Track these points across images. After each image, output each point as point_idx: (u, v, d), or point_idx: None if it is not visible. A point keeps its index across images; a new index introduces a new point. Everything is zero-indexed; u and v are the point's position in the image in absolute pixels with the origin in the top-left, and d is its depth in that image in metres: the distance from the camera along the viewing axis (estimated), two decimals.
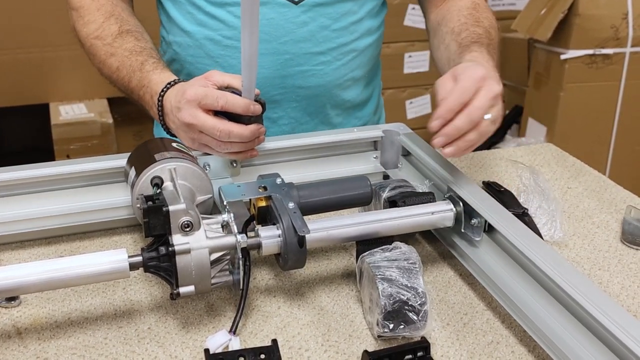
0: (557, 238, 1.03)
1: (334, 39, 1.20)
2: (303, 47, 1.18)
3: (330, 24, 1.18)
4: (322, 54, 1.20)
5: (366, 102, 1.36)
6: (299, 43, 1.17)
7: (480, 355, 0.82)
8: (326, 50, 1.20)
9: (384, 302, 0.80)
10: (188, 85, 1.00)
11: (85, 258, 0.81)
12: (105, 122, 2.60)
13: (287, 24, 1.15)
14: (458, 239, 0.96)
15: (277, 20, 1.15)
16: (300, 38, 1.17)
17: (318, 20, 1.17)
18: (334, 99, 1.26)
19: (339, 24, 1.19)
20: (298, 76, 1.20)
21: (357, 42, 1.23)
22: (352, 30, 1.21)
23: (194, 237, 0.81)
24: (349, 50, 1.23)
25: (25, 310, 0.88)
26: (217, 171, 1.07)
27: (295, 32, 1.16)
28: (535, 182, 1.11)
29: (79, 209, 1.02)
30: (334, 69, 1.22)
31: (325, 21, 1.17)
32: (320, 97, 1.23)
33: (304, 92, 1.21)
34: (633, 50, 2.55)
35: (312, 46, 1.18)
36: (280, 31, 1.16)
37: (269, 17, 1.14)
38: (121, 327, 0.86)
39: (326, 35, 1.19)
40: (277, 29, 1.15)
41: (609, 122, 2.66)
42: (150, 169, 0.91)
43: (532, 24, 2.63)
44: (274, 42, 1.16)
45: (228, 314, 0.88)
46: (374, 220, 0.91)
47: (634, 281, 0.96)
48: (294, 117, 1.24)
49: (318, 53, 1.19)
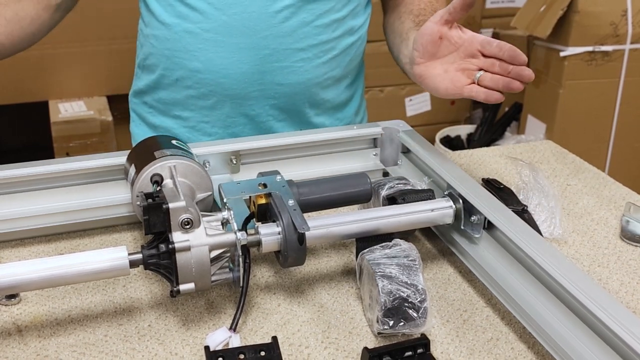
0: (557, 235, 1.04)
1: (315, 35, 1.18)
2: (283, 43, 1.16)
3: (313, 20, 1.17)
4: (303, 51, 1.18)
5: (346, 103, 1.34)
6: (279, 38, 1.16)
7: (480, 352, 0.82)
8: (307, 47, 1.18)
9: (383, 299, 0.80)
10: None
11: (85, 255, 0.81)
12: (105, 120, 2.60)
13: (269, 18, 1.14)
14: (458, 236, 0.96)
15: (258, 14, 1.13)
16: (281, 33, 1.15)
17: (300, 16, 1.15)
18: (313, 98, 1.25)
19: (321, 21, 1.18)
20: (277, 72, 1.18)
21: (338, 41, 1.22)
22: (334, 28, 1.20)
23: (194, 235, 0.81)
24: (330, 49, 1.21)
25: (26, 307, 0.89)
26: (217, 168, 1.07)
27: (277, 27, 1.15)
28: (535, 179, 1.11)
29: (78, 206, 1.02)
30: (314, 67, 1.21)
31: (308, 17, 1.16)
32: (299, 95, 1.22)
33: (283, 89, 1.20)
34: (632, 47, 2.55)
35: (292, 42, 1.17)
36: (261, 25, 1.14)
37: (250, 10, 1.13)
38: (121, 325, 0.86)
39: (307, 31, 1.17)
40: (258, 22, 1.14)
41: (608, 119, 2.66)
42: (150, 167, 0.91)
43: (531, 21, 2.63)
44: (255, 37, 1.15)
45: (228, 311, 0.88)
46: (373, 218, 0.91)
47: (633, 278, 0.96)
48: (272, 114, 1.23)
49: (298, 49, 1.18)
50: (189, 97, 1.22)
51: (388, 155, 1.17)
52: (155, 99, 1.27)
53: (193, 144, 1.07)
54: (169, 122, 1.27)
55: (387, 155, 1.17)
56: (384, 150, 1.17)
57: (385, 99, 2.99)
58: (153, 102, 1.28)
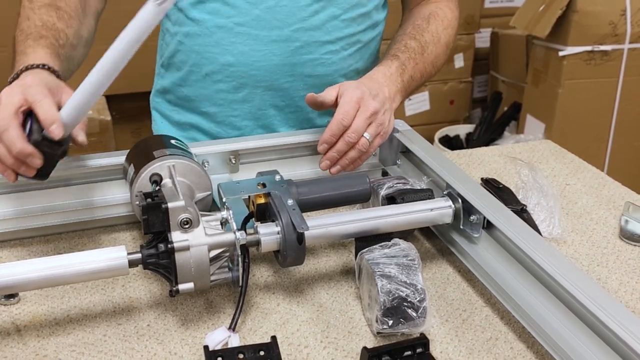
0: (556, 234, 1.04)
1: (343, 28, 1.22)
2: (313, 35, 1.19)
3: (340, 14, 1.20)
4: (331, 43, 1.21)
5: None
6: (309, 31, 1.18)
7: (479, 351, 0.82)
8: (335, 40, 1.21)
9: (383, 298, 0.80)
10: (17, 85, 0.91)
11: (84, 255, 0.81)
12: (104, 120, 2.60)
13: (299, 12, 1.17)
14: (457, 235, 0.96)
15: (289, 8, 1.16)
16: (311, 26, 1.18)
17: (329, 10, 1.18)
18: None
19: (348, 15, 1.21)
20: (307, 64, 1.21)
21: (362, 34, 1.25)
22: (359, 22, 1.23)
23: (193, 234, 0.81)
24: (355, 41, 1.25)
25: (25, 307, 0.88)
26: (216, 168, 1.07)
27: (307, 20, 1.17)
28: (534, 179, 1.11)
29: (77, 206, 1.02)
30: (341, 59, 1.24)
31: (336, 11, 1.19)
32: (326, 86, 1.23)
33: (312, 80, 1.22)
34: (631, 46, 2.55)
35: (322, 35, 1.20)
36: (292, 18, 1.17)
37: (282, 4, 1.16)
38: (120, 324, 0.86)
39: (335, 24, 1.20)
40: (290, 16, 1.16)
41: (607, 119, 2.66)
42: (149, 166, 0.91)
43: (530, 21, 2.63)
44: (286, 29, 1.17)
45: (227, 311, 0.88)
46: (372, 217, 0.91)
47: (632, 277, 0.96)
48: (301, 105, 1.25)
49: (327, 42, 1.21)
50: (218, 91, 1.23)
51: (387, 155, 1.17)
52: (180, 96, 1.28)
53: (192, 143, 1.07)
54: (195, 118, 1.28)
55: (386, 155, 1.17)
56: (383, 150, 1.17)
57: None
58: (178, 100, 1.29)
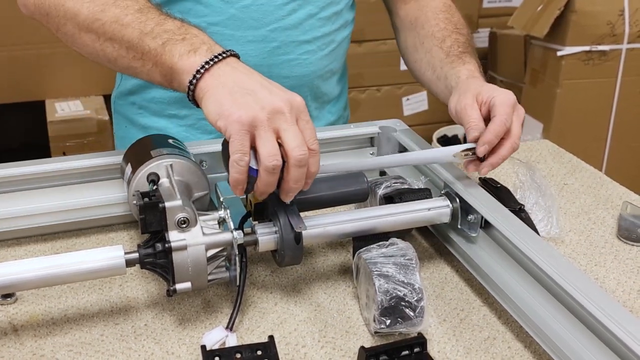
0: (554, 234, 1.04)
1: (319, 27, 1.20)
2: (290, 35, 1.17)
3: (317, 13, 1.18)
4: (308, 43, 1.19)
5: (339, 96, 1.36)
6: (286, 30, 1.16)
7: (476, 351, 0.82)
8: (312, 39, 1.19)
9: (380, 298, 0.80)
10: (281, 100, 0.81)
11: (81, 255, 0.80)
12: (102, 119, 2.60)
13: (277, 11, 1.14)
14: (455, 235, 0.96)
15: (266, 7, 1.13)
16: (288, 25, 1.16)
17: (306, 8, 1.16)
18: (315, 91, 1.26)
19: (324, 13, 1.19)
20: (284, 65, 1.18)
21: (336, 33, 1.24)
22: (333, 21, 1.22)
23: (191, 234, 0.81)
24: (330, 41, 1.23)
25: (22, 307, 0.88)
26: (214, 167, 1.07)
27: (284, 20, 1.15)
28: (532, 179, 1.11)
29: (75, 205, 1.02)
30: (318, 59, 1.22)
31: (312, 9, 1.17)
32: (303, 87, 1.23)
33: (289, 81, 1.19)
34: (629, 46, 2.55)
35: (299, 34, 1.17)
36: (269, 18, 1.14)
37: (259, 3, 1.13)
38: (117, 324, 0.86)
39: (312, 23, 1.18)
40: (266, 15, 1.14)
41: (605, 119, 2.66)
42: (147, 166, 0.91)
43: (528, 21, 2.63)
44: (263, 29, 1.15)
45: (225, 311, 0.88)
46: (370, 217, 0.91)
47: (629, 277, 0.96)
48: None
49: (304, 42, 1.19)
50: None
51: (385, 155, 1.17)
52: (146, 99, 1.24)
53: (190, 142, 1.06)
54: (162, 122, 1.24)
55: (384, 155, 1.17)
56: (380, 150, 1.17)
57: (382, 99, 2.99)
58: (143, 102, 1.25)
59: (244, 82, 0.81)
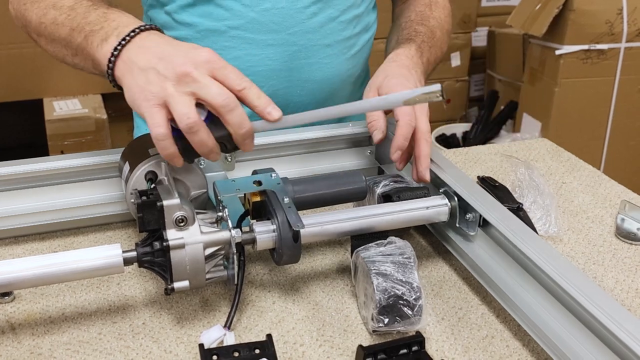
0: (552, 233, 1.04)
1: (340, 31, 1.19)
2: (311, 39, 1.16)
3: (338, 16, 1.18)
4: (329, 47, 1.19)
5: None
6: (307, 34, 1.16)
7: (475, 349, 0.82)
8: (333, 43, 1.19)
9: (378, 296, 0.80)
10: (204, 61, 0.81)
11: (79, 253, 0.80)
12: (100, 118, 2.60)
13: (297, 14, 1.14)
14: (453, 233, 0.96)
15: (287, 10, 1.13)
16: (309, 29, 1.16)
17: (326, 12, 1.16)
18: (335, 95, 1.26)
19: (345, 16, 1.19)
20: (305, 69, 1.18)
21: (358, 37, 1.24)
22: (355, 24, 1.21)
23: (188, 232, 0.81)
24: (352, 45, 1.23)
25: (19, 305, 0.88)
26: (212, 166, 1.07)
27: (305, 23, 1.15)
28: (530, 177, 1.11)
29: (73, 204, 1.01)
30: (339, 63, 1.21)
31: (333, 13, 1.17)
32: (324, 91, 1.22)
33: (309, 85, 1.20)
34: (628, 45, 2.55)
35: (320, 38, 1.17)
36: (290, 21, 1.14)
37: (279, 6, 1.13)
38: (115, 323, 0.86)
39: (333, 27, 1.18)
40: (287, 18, 1.14)
41: (603, 118, 2.67)
42: (145, 164, 0.91)
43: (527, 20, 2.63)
44: (283, 33, 1.14)
45: (223, 309, 0.88)
46: (368, 215, 0.91)
47: (628, 275, 0.96)
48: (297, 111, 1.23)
49: (325, 45, 1.18)
50: None
51: (383, 153, 1.17)
52: None
53: None
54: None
55: (382, 153, 1.17)
56: (379, 148, 1.17)
57: None
58: None
59: (149, 61, 0.81)
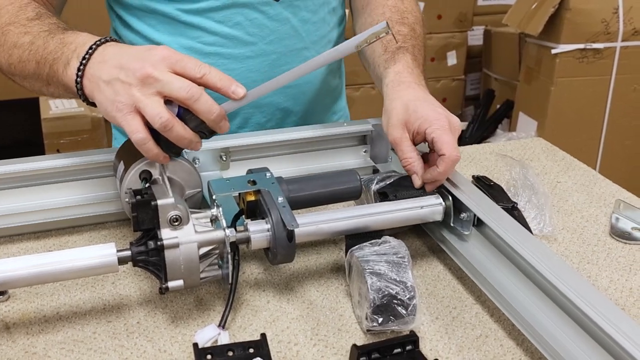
0: (546, 232, 1.04)
1: (315, 31, 1.19)
2: (288, 45, 1.16)
3: (310, 17, 1.17)
4: (306, 49, 1.19)
5: (340, 93, 1.37)
6: (283, 40, 1.16)
7: (469, 348, 0.82)
8: (309, 45, 1.19)
9: (372, 296, 0.80)
10: (161, 59, 0.84)
11: (74, 252, 0.80)
12: (96, 117, 2.60)
13: (271, 23, 1.14)
14: (447, 233, 0.96)
15: (260, 20, 1.13)
16: (284, 35, 1.15)
17: (299, 15, 1.16)
18: (318, 93, 1.26)
19: (317, 16, 1.18)
20: None
21: (332, 32, 1.23)
22: (328, 21, 1.21)
23: (183, 232, 0.81)
24: (327, 42, 1.22)
25: (14, 304, 0.88)
26: (207, 165, 1.07)
27: (279, 30, 1.15)
28: (525, 177, 1.11)
29: (68, 203, 1.01)
30: None
31: (306, 15, 1.17)
32: (307, 93, 1.22)
33: (292, 91, 1.20)
34: (624, 44, 2.56)
35: (296, 42, 1.17)
36: (264, 31, 1.14)
37: (251, 18, 1.13)
38: (110, 322, 0.86)
39: (308, 29, 1.18)
40: (262, 28, 1.13)
41: (599, 117, 2.67)
42: (139, 163, 0.91)
43: (523, 19, 2.64)
44: (260, 43, 1.14)
45: (217, 308, 0.88)
46: (363, 215, 0.91)
47: (622, 275, 0.96)
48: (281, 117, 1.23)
49: (302, 48, 1.18)
50: None
51: (378, 152, 1.17)
52: None
53: None
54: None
55: (377, 152, 1.17)
56: (374, 148, 1.17)
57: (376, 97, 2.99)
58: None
59: (110, 72, 0.83)
